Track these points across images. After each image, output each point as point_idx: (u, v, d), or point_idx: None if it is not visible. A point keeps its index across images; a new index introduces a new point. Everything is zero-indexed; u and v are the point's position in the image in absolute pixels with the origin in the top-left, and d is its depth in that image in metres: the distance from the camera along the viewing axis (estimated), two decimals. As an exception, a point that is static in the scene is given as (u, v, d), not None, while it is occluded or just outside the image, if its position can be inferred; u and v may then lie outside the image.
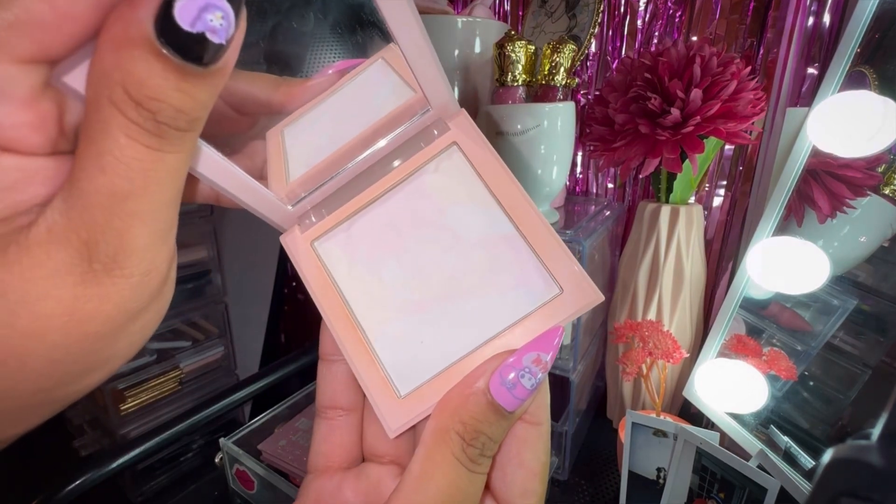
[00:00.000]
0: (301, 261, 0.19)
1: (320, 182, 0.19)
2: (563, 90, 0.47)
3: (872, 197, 0.41)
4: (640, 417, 0.43)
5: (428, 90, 0.18)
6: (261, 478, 0.47)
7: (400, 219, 0.19)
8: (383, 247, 0.19)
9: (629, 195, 0.67)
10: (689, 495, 0.41)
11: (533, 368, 0.15)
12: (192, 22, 0.11)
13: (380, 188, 0.19)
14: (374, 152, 0.19)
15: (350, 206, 0.19)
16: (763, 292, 0.48)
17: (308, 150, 0.19)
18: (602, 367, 0.63)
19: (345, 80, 0.20)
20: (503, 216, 0.18)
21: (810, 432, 0.42)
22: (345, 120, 0.19)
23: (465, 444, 0.15)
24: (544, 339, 0.16)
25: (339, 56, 0.20)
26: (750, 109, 0.43)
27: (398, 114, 0.19)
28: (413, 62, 0.16)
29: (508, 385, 0.15)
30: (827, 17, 0.48)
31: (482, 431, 0.15)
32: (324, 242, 0.19)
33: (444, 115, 0.19)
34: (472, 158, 0.19)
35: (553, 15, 0.65)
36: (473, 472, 0.15)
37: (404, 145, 0.19)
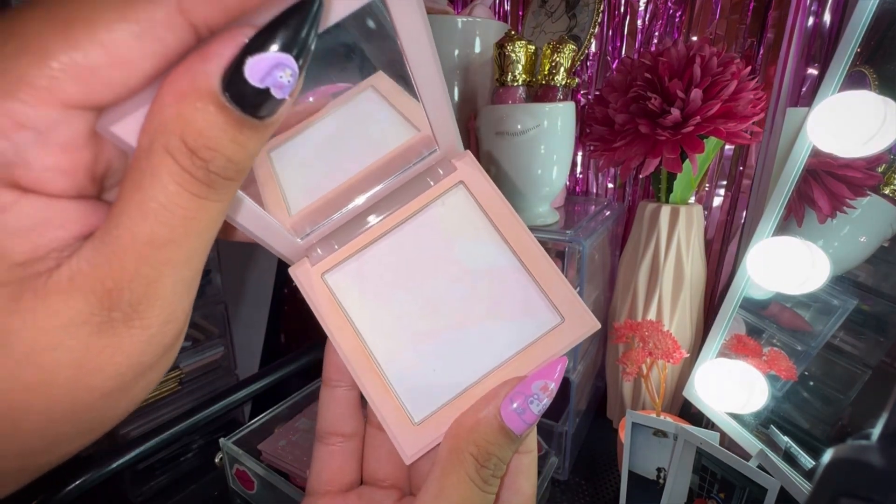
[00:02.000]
0: (312, 293, 0.19)
1: (327, 216, 0.19)
2: (563, 90, 0.47)
3: (872, 197, 0.41)
4: (641, 417, 0.43)
5: (438, 132, 0.18)
6: (261, 478, 0.47)
7: (409, 251, 0.20)
8: (393, 278, 0.19)
9: (629, 195, 0.67)
10: (689, 495, 0.41)
11: (540, 395, 0.17)
12: (261, 78, 0.11)
13: (389, 223, 0.20)
14: (381, 189, 0.20)
15: (360, 240, 0.20)
16: (763, 292, 0.48)
17: (306, 180, 0.19)
18: (602, 367, 0.63)
19: (332, 106, 0.20)
20: (507, 249, 0.19)
21: (810, 432, 0.42)
22: (342, 150, 0.20)
23: (478, 466, 0.16)
24: (550, 368, 0.17)
25: (326, 80, 0.20)
26: (750, 109, 0.43)
27: (404, 151, 0.19)
28: (428, 105, 0.17)
29: (518, 411, 0.16)
30: (827, 17, 0.48)
31: (493, 454, 0.16)
32: (334, 274, 0.20)
33: (451, 155, 0.20)
34: (477, 196, 0.19)
35: (553, 15, 0.65)
36: (485, 492, 0.16)
37: (411, 182, 0.20)
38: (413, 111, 0.18)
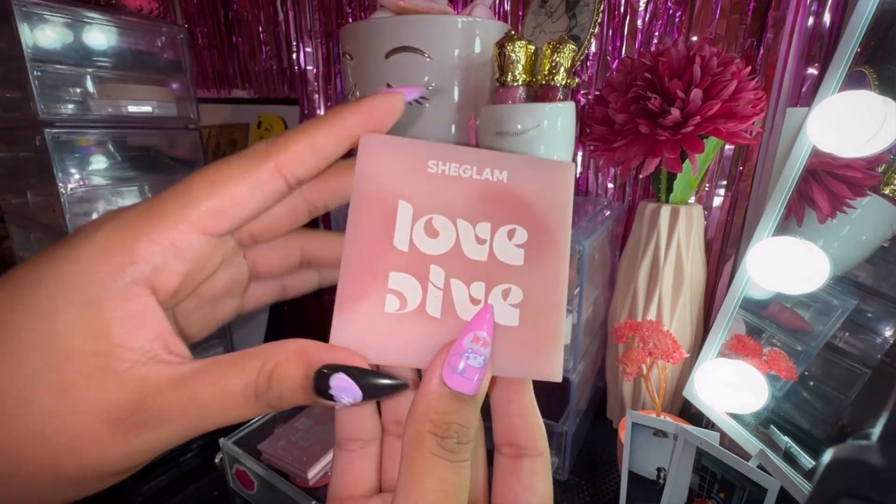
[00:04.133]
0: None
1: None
2: (563, 90, 0.47)
3: (872, 197, 0.41)
4: (640, 417, 0.43)
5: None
6: (261, 478, 0.47)
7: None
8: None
9: (629, 195, 0.67)
10: (689, 495, 0.41)
11: (474, 347, 0.16)
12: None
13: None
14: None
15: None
16: (763, 292, 0.48)
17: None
18: (602, 367, 0.63)
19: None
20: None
21: (810, 432, 0.42)
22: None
23: (439, 440, 0.16)
24: (477, 320, 0.17)
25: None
26: (750, 109, 0.43)
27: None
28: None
29: (460, 371, 0.16)
30: (827, 16, 0.48)
31: (452, 421, 0.16)
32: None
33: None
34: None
35: (553, 15, 0.65)
36: (455, 461, 0.16)
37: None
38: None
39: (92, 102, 0.65)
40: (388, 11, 0.52)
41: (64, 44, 0.62)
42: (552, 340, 0.18)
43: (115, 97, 0.66)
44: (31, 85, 0.58)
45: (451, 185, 0.18)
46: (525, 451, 0.19)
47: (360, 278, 0.17)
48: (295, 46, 0.92)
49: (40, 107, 0.59)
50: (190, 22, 1.06)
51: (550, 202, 0.19)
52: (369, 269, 0.17)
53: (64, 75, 0.62)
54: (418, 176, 0.18)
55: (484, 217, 0.18)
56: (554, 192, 0.19)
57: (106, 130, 0.67)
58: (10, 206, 0.78)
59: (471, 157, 0.18)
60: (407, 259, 0.17)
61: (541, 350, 0.18)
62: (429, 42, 0.50)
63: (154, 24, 0.72)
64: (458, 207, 0.18)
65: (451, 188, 0.18)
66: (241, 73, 1.03)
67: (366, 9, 0.82)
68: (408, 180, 0.18)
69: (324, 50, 0.90)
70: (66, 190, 0.63)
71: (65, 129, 0.62)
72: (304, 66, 0.92)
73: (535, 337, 0.18)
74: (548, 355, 0.18)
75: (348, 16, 0.84)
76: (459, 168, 0.18)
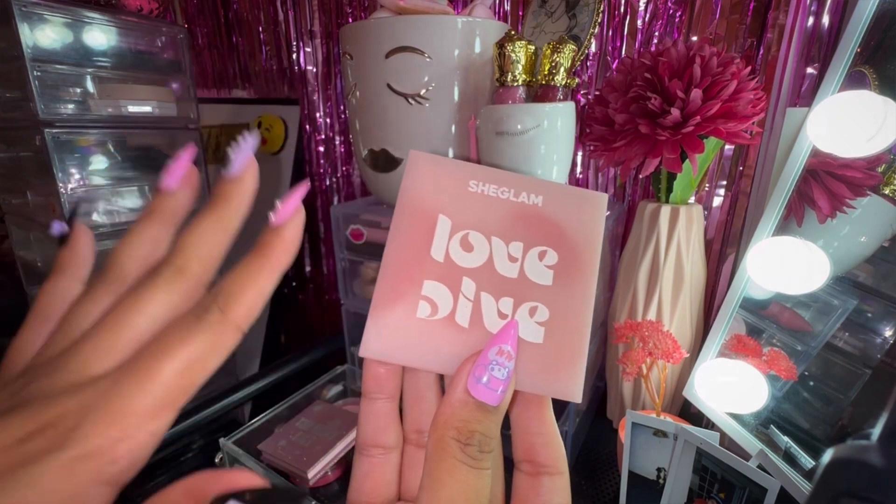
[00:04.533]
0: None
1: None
2: (563, 90, 0.47)
3: (872, 197, 0.41)
4: (640, 417, 0.43)
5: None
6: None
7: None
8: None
9: (629, 195, 0.67)
10: (689, 495, 0.41)
11: (499, 360, 0.17)
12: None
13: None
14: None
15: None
16: (763, 292, 0.48)
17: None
18: (602, 368, 0.63)
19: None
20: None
21: (810, 432, 0.42)
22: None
23: (462, 446, 0.16)
24: (502, 334, 0.17)
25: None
26: (750, 109, 0.43)
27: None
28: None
29: (484, 382, 0.17)
30: (827, 17, 0.48)
31: (475, 430, 0.16)
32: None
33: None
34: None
35: (553, 15, 0.65)
36: (477, 468, 0.16)
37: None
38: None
39: (92, 102, 0.65)
40: (388, 11, 0.52)
41: (64, 44, 0.62)
42: (575, 361, 0.18)
43: (116, 97, 0.66)
44: (31, 85, 0.58)
45: (489, 205, 0.19)
46: (544, 469, 0.19)
47: (397, 283, 0.18)
48: (295, 46, 0.92)
49: (40, 107, 0.59)
50: (190, 22, 1.07)
51: (582, 228, 0.19)
52: (406, 275, 0.18)
53: (64, 75, 0.62)
54: (459, 193, 0.19)
55: (517, 237, 0.19)
56: (586, 219, 0.20)
57: (106, 130, 0.67)
58: (10, 206, 0.79)
59: (509, 181, 0.20)
60: (442, 269, 0.19)
61: (563, 369, 0.18)
62: (429, 42, 0.50)
63: (154, 24, 0.72)
64: (494, 226, 0.19)
65: (489, 207, 0.19)
66: (242, 73, 1.03)
67: (366, 9, 0.82)
68: (449, 197, 0.19)
69: (324, 50, 0.90)
70: (66, 190, 0.63)
71: (65, 130, 0.62)
72: (305, 66, 0.92)
73: (558, 356, 0.18)
74: (570, 375, 0.18)
75: (348, 16, 0.85)
76: (498, 189, 0.19)
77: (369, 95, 0.55)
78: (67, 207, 0.63)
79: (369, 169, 0.59)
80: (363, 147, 0.58)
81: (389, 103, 0.53)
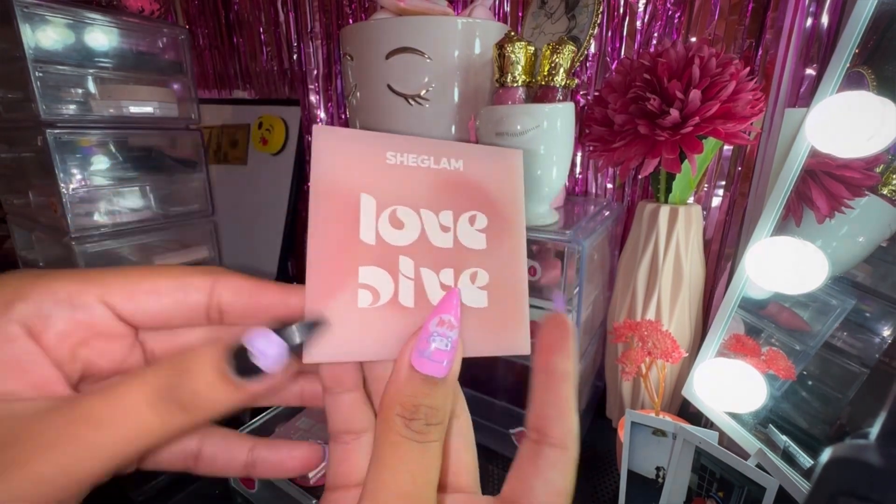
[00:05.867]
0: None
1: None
2: (562, 91, 0.47)
3: (871, 197, 0.41)
4: (640, 417, 0.43)
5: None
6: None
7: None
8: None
9: (628, 195, 0.67)
10: (689, 494, 0.41)
11: (440, 330, 0.17)
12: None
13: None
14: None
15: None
16: (762, 292, 0.48)
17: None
18: (601, 367, 0.63)
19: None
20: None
21: (809, 432, 0.43)
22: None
23: (406, 422, 0.16)
24: (443, 304, 0.17)
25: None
26: (749, 110, 0.43)
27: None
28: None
29: (427, 355, 0.16)
30: (825, 17, 0.48)
31: (420, 404, 0.16)
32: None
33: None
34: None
35: (552, 16, 0.66)
36: (424, 441, 0.16)
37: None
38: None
39: (93, 103, 0.65)
40: (388, 12, 0.52)
41: (65, 45, 0.62)
42: (519, 315, 0.19)
43: (117, 98, 0.67)
44: (32, 86, 0.58)
45: (412, 176, 0.18)
46: (548, 439, 0.18)
47: (329, 276, 0.17)
48: (296, 47, 0.92)
49: (42, 107, 0.59)
50: (191, 23, 1.07)
51: (504, 187, 0.20)
52: (338, 265, 0.17)
53: (65, 76, 0.62)
54: (378, 168, 0.18)
55: (446, 205, 0.19)
56: (506, 177, 0.20)
57: (107, 131, 0.67)
58: (12, 207, 0.79)
59: (427, 148, 0.19)
60: (375, 252, 0.17)
61: (509, 326, 0.19)
62: (429, 43, 0.51)
63: (155, 25, 0.72)
64: (421, 197, 0.18)
65: (412, 179, 0.18)
66: (242, 73, 1.03)
67: (366, 10, 0.82)
68: (368, 173, 0.18)
69: (324, 51, 0.90)
70: (67, 190, 0.63)
71: (66, 130, 0.62)
72: (305, 66, 0.93)
73: (503, 315, 0.19)
74: (515, 330, 0.19)
75: (349, 17, 0.85)
76: (418, 158, 0.18)
77: (370, 96, 0.55)
78: (69, 207, 0.63)
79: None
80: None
81: (390, 104, 0.54)
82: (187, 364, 0.15)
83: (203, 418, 0.15)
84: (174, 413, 0.14)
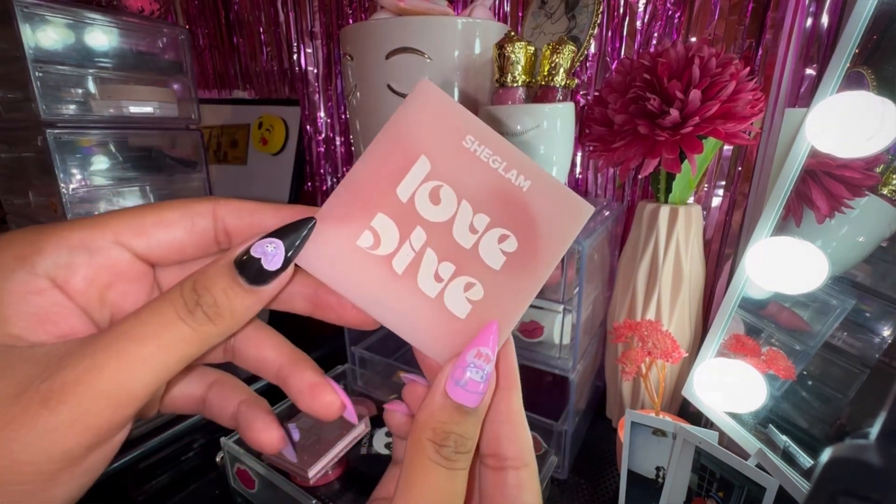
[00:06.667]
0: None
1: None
2: (562, 91, 0.47)
3: (871, 197, 0.41)
4: (640, 417, 0.43)
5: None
6: (262, 477, 0.47)
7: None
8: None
9: (628, 195, 0.67)
10: (688, 494, 0.41)
11: (477, 362, 0.17)
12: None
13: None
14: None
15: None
16: (762, 292, 0.48)
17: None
18: (601, 367, 0.63)
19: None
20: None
21: (809, 431, 0.43)
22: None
23: (437, 447, 0.17)
24: (482, 336, 0.18)
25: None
26: (749, 110, 0.43)
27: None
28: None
29: (462, 384, 0.17)
30: (825, 17, 0.49)
31: (451, 431, 0.17)
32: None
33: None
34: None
35: (552, 16, 0.66)
36: (451, 469, 0.17)
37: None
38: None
39: (93, 103, 0.65)
40: (388, 12, 0.52)
41: (65, 44, 0.62)
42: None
43: (117, 98, 0.67)
44: (32, 85, 0.58)
45: (476, 168, 0.18)
46: (508, 462, 0.18)
47: (351, 204, 0.18)
48: (296, 47, 0.92)
49: (42, 107, 0.59)
50: (191, 23, 1.07)
51: (555, 229, 0.18)
52: (363, 199, 0.18)
53: (65, 76, 0.62)
54: (451, 143, 0.18)
55: (487, 210, 0.18)
56: (562, 222, 0.18)
57: (107, 131, 0.67)
58: (12, 207, 0.79)
59: (505, 152, 0.18)
60: (400, 209, 0.18)
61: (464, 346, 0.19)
62: (429, 43, 0.51)
63: (155, 25, 0.73)
64: (470, 190, 0.18)
65: (475, 170, 0.18)
66: (242, 73, 1.03)
67: (366, 10, 0.82)
68: (440, 142, 0.18)
69: (324, 51, 0.90)
70: (67, 190, 0.63)
71: (66, 130, 0.62)
72: (305, 66, 0.93)
73: (469, 335, 0.18)
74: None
75: (349, 17, 0.85)
76: (491, 156, 0.18)
77: (370, 96, 0.55)
78: (69, 207, 0.63)
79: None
80: (364, 148, 0.59)
81: (390, 104, 0.54)
82: (204, 277, 0.16)
83: (228, 326, 0.16)
84: (202, 323, 0.15)
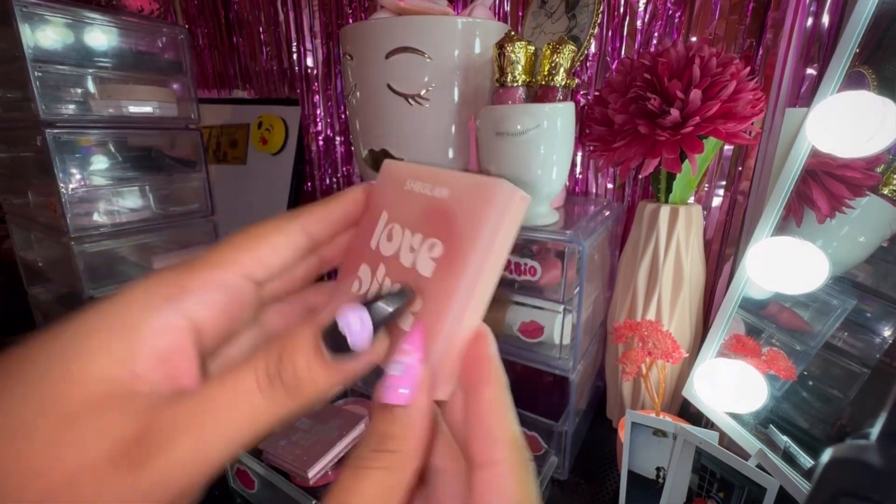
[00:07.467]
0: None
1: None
2: (562, 91, 0.47)
3: (871, 197, 0.41)
4: (640, 417, 0.43)
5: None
6: (261, 477, 0.47)
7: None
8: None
9: (629, 195, 0.67)
10: (689, 495, 0.41)
11: (398, 360, 0.17)
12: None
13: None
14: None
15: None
16: (762, 292, 0.48)
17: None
18: (602, 367, 0.63)
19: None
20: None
21: (809, 432, 0.43)
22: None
23: (363, 448, 0.16)
24: (405, 337, 0.18)
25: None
26: (749, 110, 0.43)
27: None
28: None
29: (386, 385, 0.17)
30: (826, 17, 0.48)
31: (374, 430, 0.17)
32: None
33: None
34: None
35: (553, 15, 0.65)
36: (364, 467, 0.16)
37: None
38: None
39: (93, 103, 0.65)
40: (388, 12, 0.52)
41: (65, 44, 0.62)
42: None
43: (116, 98, 0.67)
44: (32, 85, 0.58)
45: (414, 200, 0.21)
46: (472, 462, 0.17)
47: (349, 262, 0.22)
48: (295, 47, 0.92)
49: (41, 107, 0.59)
50: (190, 22, 1.07)
51: (469, 221, 0.18)
52: (355, 257, 0.22)
53: (65, 76, 0.62)
54: (397, 191, 0.21)
55: (420, 228, 0.20)
56: (476, 212, 0.18)
57: (107, 131, 0.67)
58: (11, 207, 0.79)
59: (431, 176, 0.20)
60: (371, 255, 0.21)
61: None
62: (429, 42, 0.51)
63: (155, 25, 0.72)
64: (411, 219, 0.21)
65: (413, 203, 0.21)
66: (242, 73, 1.03)
67: (366, 9, 0.82)
68: (392, 195, 0.22)
69: (324, 50, 0.90)
70: (66, 190, 0.63)
71: (66, 130, 0.62)
72: (305, 66, 0.93)
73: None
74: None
75: (348, 16, 0.85)
76: (423, 186, 0.20)
77: (369, 96, 0.55)
78: (68, 207, 0.63)
79: (370, 169, 0.59)
80: (363, 147, 0.59)
81: (389, 104, 0.53)
82: (288, 345, 0.15)
83: (305, 401, 0.15)
84: (280, 397, 0.15)
